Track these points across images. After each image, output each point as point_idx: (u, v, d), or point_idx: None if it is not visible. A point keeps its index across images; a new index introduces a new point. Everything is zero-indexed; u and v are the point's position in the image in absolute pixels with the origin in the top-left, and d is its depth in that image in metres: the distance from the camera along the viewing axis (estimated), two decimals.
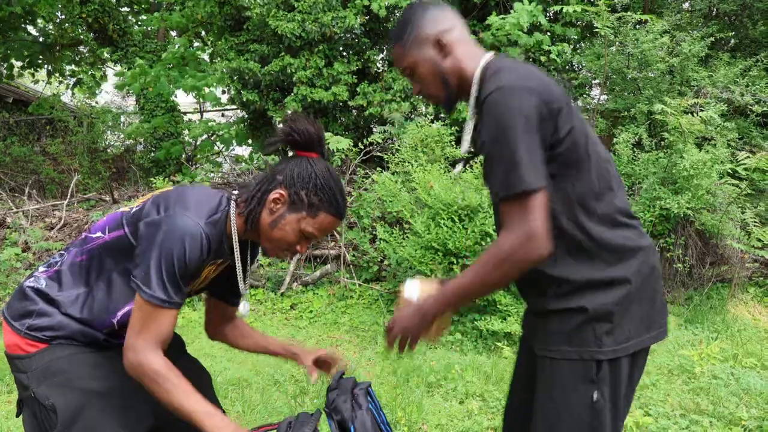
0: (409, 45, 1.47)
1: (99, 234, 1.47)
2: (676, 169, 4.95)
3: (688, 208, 4.80)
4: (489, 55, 1.46)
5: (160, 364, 1.34)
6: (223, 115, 11.34)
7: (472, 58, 1.46)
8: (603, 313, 1.34)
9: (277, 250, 1.50)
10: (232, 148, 9.55)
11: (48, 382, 1.39)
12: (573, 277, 1.36)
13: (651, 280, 1.41)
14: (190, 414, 1.33)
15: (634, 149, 5.69)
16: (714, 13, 8.34)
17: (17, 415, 1.47)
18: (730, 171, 5.30)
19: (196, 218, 1.36)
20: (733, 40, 7.94)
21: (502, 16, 6.62)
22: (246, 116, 9.09)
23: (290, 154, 1.51)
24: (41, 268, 1.52)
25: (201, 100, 9.82)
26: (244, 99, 7.85)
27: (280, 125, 1.45)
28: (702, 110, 5.39)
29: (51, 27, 11.63)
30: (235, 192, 1.52)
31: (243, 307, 1.63)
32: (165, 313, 1.35)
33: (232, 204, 1.49)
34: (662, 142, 5.54)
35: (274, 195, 1.44)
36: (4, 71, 10.96)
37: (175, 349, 1.68)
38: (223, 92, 9.47)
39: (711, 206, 5.12)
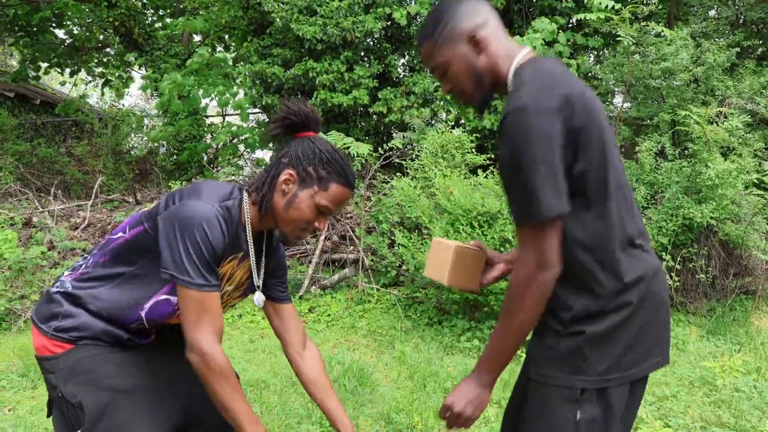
0: (441, 41, 1.38)
1: (120, 234, 1.50)
2: (700, 178, 4.88)
3: (711, 218, 4.74)
4: (523, 53, 1.38)
5: (226, 363, 1.38)
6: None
7: (507, 56, 1.39)
8: (598, 339, 1.32)
9: (297, 231, 1.51)
10: (254, 151, 9.65)
11: (74, 380, 1.42)
12: (575, 303, 1.33)
13: (652, 309, 1.38)
14: (239, 417, 1.39)
15: (657, 158, 5.63)
16: (741, 21, 8.24)
17: (48, 416, 1.51)
18: (755, 181, 5.22)
19: (210, 202, 1.38)
20: (760, 49, 7.83)
21: (519, 35, 6.61)
22: (268, 120, 9.17)
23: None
24: (66, 273, 1.55)
25: (224, 105, 9.94)
26: (265, 102, 7.93)
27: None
28: (726, 120, 5.32)
29: (77, 30, 11.85)
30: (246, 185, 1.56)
31: (257, 297, 1.63)
32: (210, 297, 1.37)
33: (244, 194, 1.52)
34: (686, 151, 5.48)
35: (283, 176, 1.47)
36: (32, 73, 11.20)
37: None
38: (252, 104, 9.59)
39: (735, 217, 5.04)
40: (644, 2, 6.20)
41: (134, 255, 1.47)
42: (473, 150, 5.89)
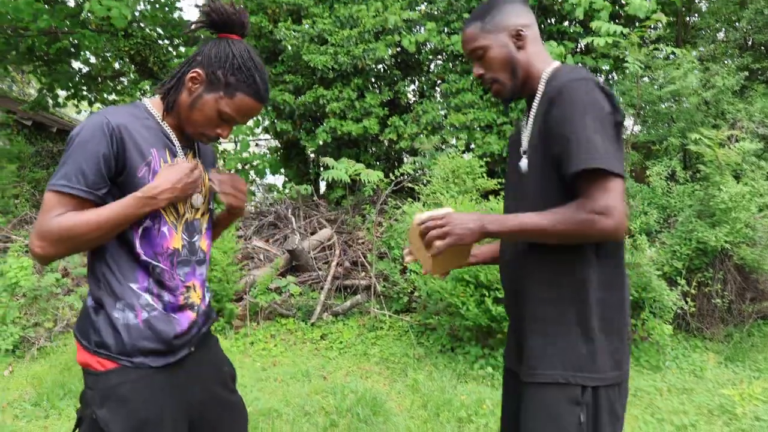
0: (489, 27, 1.50)
1: None
2: (713, 201, 4.85)
3: (726, 242, 4.70)
4: (557, 63, 1.52)
5: (58, 222, 1.32)
6: (257, 145, 11.55)
7: (543, 59, 1.52)
8: (598, 336, 1.41)
9: (198, 134, 1.49)
10: (265, 177, 9.72)
11: (109, 406, 1.41)
12: (585, 294, 1.41)
13: (627, 314, 1.48)
14: (115, 216, 1.34)
15: (668, 181, 5.61)
16: (749, 43, 8.25)
17: (73, 431, 1.50)
18: None
19: (102, 113, 1.37)
20: None
21: None
22: (279, 146, 9.25)
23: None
24: None
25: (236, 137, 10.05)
26: (278, 129, 8.01)
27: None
28: (738, 142, 5.30)
29: (94, 59, 12.08)
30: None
31: (195, 198, 1.56)
32: (64, 198, 1.33)
33: (145, 99, 1.51)
34: (697, 174, 5.45)
35: (191, 74, 1.43)
36: (50, 101, 11.41)
37: (224, 386, 1.70)
38: (257, 126, 9.70)
39: (750, 240, 4.99)
40: (652, 26, 6.23)
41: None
42: (484, 175, 5.90)
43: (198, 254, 1.57)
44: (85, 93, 11.96)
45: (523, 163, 1.51)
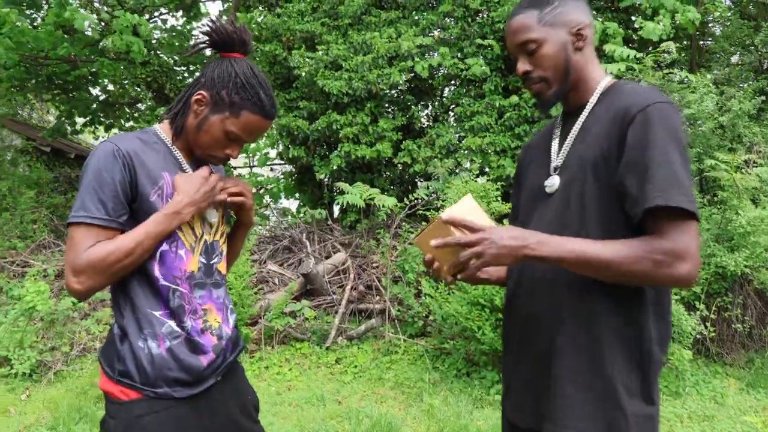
0: (548, 19, 1.33)
1: None
2: (731, 225, 4.81)
3: (745, 266, 4.64)
4: (610, 77, 1.39)
5: (90, 254, 1.31)
6: (271, 170, 11.65)
7: (597, 67, 1.38)
8: (647, 392, 1.30)
9: (207, 155, 1.49)
10: (279, 201, 9.80)
11: None
12: (638, 341, 1.26)
13: None
14: (144, 238, 1.35)
15: None
16: (764, 66, 8.24)
17: None
18: None
19: (110, 140, 1.38)
20: None
21: None
22: (293, 170, 9.33)
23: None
24: None
25: (251, 155, 10.15)
26: (291, 155, 8.08)
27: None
28: (756, 167, 5.27)
29: (112, 86, 12.33)
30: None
31: (210, 214, 1.54)
32: (88, 229, 1.33)
33: (156, 124, 1.52)
34: (715, 198, 5.42)
35: (196, 96, 1.43)
36: (68, 128, 11.60)
37: (247, 416, 1.67)
38: (273, 147, 9.81)
39: None
40: (666, 50, 6.25)
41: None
42: (498, 198, 5.89)
43: (214, 276, 1.56)
44: (102, 119, 12.17)
45: (553, 181, 1.35)
